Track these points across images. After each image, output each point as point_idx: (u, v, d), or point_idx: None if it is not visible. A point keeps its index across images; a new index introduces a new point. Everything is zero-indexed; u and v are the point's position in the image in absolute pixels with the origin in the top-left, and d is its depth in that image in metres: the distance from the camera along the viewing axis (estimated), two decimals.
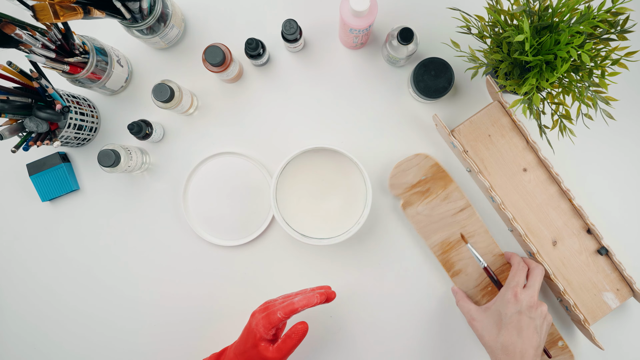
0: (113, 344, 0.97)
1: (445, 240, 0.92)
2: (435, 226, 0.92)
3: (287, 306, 0.78)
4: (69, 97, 0.88)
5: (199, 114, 0.96)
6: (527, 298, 0.81)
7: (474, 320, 0.85)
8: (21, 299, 0.98)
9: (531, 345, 0.79)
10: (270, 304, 0.82)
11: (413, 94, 0.92)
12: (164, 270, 0.97)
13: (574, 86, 0.74)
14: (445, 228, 0.93)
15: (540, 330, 0.81)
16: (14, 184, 0.97)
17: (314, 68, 0.96)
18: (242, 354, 0.80)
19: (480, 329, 0.83)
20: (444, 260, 0.93)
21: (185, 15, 0.96)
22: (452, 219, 0.92)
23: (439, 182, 0.92)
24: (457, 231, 0.92)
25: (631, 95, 0.94)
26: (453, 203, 0.92)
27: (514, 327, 0.80)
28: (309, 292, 0.81)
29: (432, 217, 0.92)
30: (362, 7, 0.77)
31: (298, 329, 0.78)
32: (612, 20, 0.71)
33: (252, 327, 0.79)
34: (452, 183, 0.92)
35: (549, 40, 0.71)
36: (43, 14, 0.68)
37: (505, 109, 0.89)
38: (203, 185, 0.95)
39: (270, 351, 0.78)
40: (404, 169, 0.92)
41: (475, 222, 0.92)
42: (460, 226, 0.92)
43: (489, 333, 0.82)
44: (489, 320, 0.83)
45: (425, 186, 0.92)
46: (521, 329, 0.79)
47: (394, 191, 0.92)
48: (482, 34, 0.81)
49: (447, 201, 0.92)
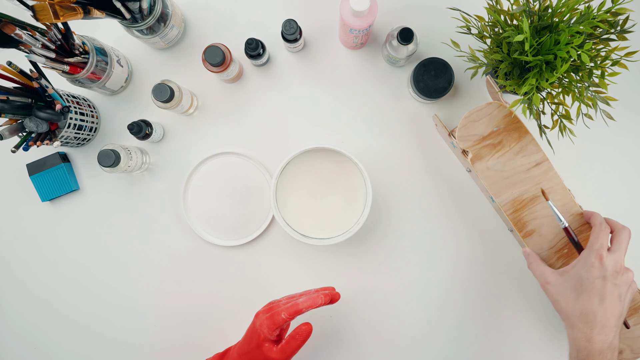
0: (113, 343, 0.97)
1: (517, 197, 0.86)
2: (507, 182, 0.85)
3: (291, 307, 0.77)
4: (69, 97, 0.88)
5: (199, 114, 0.96)
6: (613, 263, 0.73)
7: (548, 284, 0.78)
8: (21, 299, 0.98)
9: (613, 314, 0.72)
10: (275, 304, 0.82)
11: (413, 94, 0.92)
12: (164, 270, 0.97)
13: (574, 86, 0.74)
14: (518, 184, 0.85)
15: (625, 298, 0.74)
16: (14, 184, 0.97)
17: (314, 68, 0.96)
18: (246, 354, 0.79)
19: (555, 293, 0.77)
20: (516, 219, 0.86)
21: (185, 15, 0.96)
22: (526, 175, 0.85)
23: (513, 133, 0.85)
24: (532, 188, 0.85)
25: (631, 95, 0.94)
26: (528, 157, 0.85)
27: (596, 293, 0.72)
28: (313, 293, 0.81)
29: (504, 172, 0.85)
30: (362, 7, 0.77)
31: (302, 330, 0.78)
32: (612, 21, 0.71)
33: (256, 327, 0.79)
34: (528, 135, 0.84)
35: (548, 40, 0.71)
36: (43, 14, 0.68)
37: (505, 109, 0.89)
38: (203, 185, 0.95)
39: (275, 352, 0.78)
40: (474, 119, 0.84)
41: (553, 178, 0.85)
42: (535, 182, 0.85)
43: (565, 298, 0.75)
44: (566, 285, 0.76)
45: (497, 138, 0.85)
46: (604, 296, 0.72)
47: (463, 144, 0.85)
48: (482, 34, 0.81)
49: (522, 155, 0.85)
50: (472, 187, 0.95)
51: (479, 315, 0.95)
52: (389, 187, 0.95)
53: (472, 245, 0.95)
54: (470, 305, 0.95)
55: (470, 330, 0.95)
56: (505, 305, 0.95)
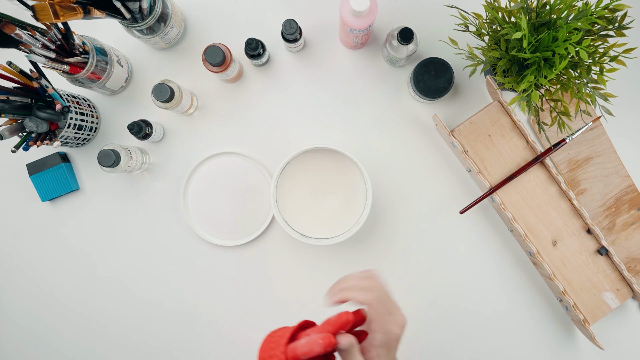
0: (113, 343, 0.97)
1: (572, 158, 0.93)
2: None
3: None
4: (69, 97, 0.88)
5: (199, 114, 0.96)
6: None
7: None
8: (21, 298, 0.98)
9: None
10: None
11: (413, 94, 0.93)
12: (164, 269, 0.97)
13: (572, 83, 0.74)
14: (573, 145, 0.93)
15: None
16: (14, 184, 0.97)
17: (314, 68, 0.96)
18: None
19: None
20: (570, 178, 0.93)
21: (185, 15, 0.96)
22: (581, 137, 0.93)
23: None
24: (585, 149, 0.93)
25: (628, 92, 0.94)
26: (581, 122, 0.92)
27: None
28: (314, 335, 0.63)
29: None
30: (362, 7, 0.77)
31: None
32: (610, 17, 0.71)
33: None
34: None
35: (546, 37, 0.71)
36: (43, 14, 0.68)
37: (505, 108, 0.89)
38: (203, 185, 0.95)
39: None
40: None
41: (604, 142, 0.93)
42: (589, 145, 0.93)
43: None
44: None
45: None
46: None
47: None
48: (480, 31, 0.81)
49: (578, 118, 0.92)
50: (472, 187, 0.95)
51: (479, 315, 0.95)
52: (388, 187, 0.95)
53: (472, 245, 0.95)
54: (471, 305, 0.95)
55: (471, 330, 0.94)
56: (507, 305, 0.95)
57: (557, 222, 0.90)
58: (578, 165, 0.93)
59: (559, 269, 0.90)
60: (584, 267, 0.90)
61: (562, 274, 0.90)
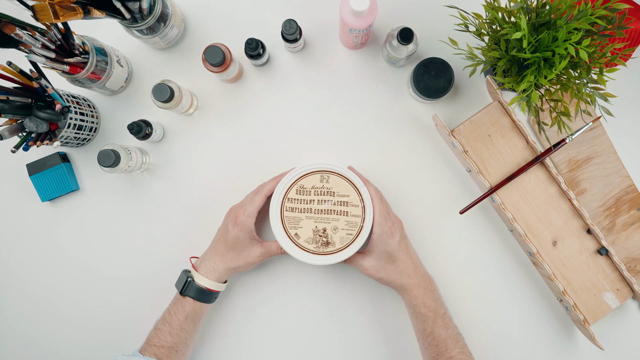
0: (113, 343, 0.97)
1: (572, 158, 0.93)
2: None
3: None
4: (68, 97, 0.88)
5: (199, 114, 0.96)
6: (396, 223, 0.86)
7: (366, 270, 0.86)
8: (21, 298, 0.98)
9: (419, 263, 0.89)
10: None
11: (413, 94, 0.93)
12: (164, 268, 0.96)
13: (572, 83, 0.74)
14: (573, 145, 0.93)
15: (407, 239, 0.89)
16: (14, 184, 0.97)
17: (314, 68, 0.96)
18: None
19: (375, 272, 0.86)
20: (570, 178, 0.93)
21: (185, 15, 0.96)
22: (581, 137, 0.93)
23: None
24: (585, 150, 0.93)
25: (628, 92, 0.94)
26: (581, 122, 0.92)
27: (404, 254, 0.86)
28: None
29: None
30: (362, 7, 0.77)
31: None
32: (610, 17, 0.71)
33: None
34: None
35: (546, 37, 0.71)
36: (43, 14, 0.68)
37: (505, 109, 0.89)
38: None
39: None
40: None
41: (604, 142, 0.93)
42: (589, 145, 0.93)
43: (386, 272, 0.85)
44: (380, 262, 0.85)
45: None
46: (409, 253, 0.87)
47: None
48: (479, 31, 0.81)
49: (578, 118, 0.92)
50: (472, 187, 0.95)
51: (479, 315, 0.95)
52: (388, 187, 0.95)
53: (472, 245, 0.95)
54: (471, 305, 0.95)
55: (471, 330, 0.94)
56: (506, 305, 0.95)
57: (557, 222, 0.90)
58: (578, 165, 0.93)
59: (559, 269, 0.90)
60: (584, 267, 0.90)
61: (562, 274, 0.90)
